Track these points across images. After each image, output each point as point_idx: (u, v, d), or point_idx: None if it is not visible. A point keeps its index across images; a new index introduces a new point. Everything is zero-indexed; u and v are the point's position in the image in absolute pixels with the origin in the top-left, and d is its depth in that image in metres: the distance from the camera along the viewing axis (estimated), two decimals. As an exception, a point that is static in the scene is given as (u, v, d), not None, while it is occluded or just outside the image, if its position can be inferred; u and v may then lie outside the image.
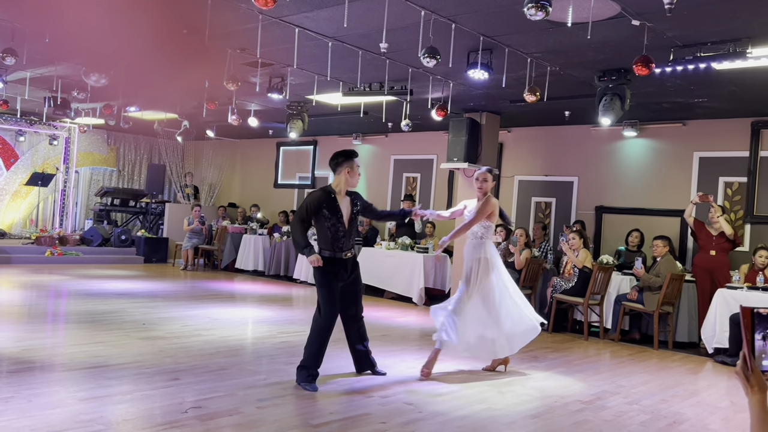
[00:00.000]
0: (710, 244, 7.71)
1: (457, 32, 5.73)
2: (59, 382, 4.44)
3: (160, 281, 10.61)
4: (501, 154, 10.67)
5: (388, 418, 4.13)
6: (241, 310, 8.29)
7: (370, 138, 12.63)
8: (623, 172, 9.65)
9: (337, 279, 4.84)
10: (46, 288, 9.00)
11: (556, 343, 7.41)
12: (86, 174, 15.44)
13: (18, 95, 10.38)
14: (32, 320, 6.73)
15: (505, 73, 6.74)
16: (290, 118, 9.70)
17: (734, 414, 4.85)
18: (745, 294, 6.81)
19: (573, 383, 5.45)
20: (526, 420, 4.31)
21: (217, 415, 3.92)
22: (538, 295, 8.68)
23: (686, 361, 6.90)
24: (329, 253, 4.82)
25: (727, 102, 7.80)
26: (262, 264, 12.44)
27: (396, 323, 7.95)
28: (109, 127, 13.53)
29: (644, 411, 4.74)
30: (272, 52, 6.93)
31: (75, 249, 12.69)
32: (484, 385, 5.19)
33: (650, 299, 7.49)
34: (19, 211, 14.58)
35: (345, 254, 4.86)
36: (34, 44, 6.88)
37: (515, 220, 10.57)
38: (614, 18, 5.19)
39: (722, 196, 8.68)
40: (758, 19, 5.07)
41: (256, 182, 15.07)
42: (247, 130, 12.51)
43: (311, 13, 5.68)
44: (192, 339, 6.13)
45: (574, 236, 8.16)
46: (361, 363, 5.18)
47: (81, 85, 8.71)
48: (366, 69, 7.16)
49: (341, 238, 4.82)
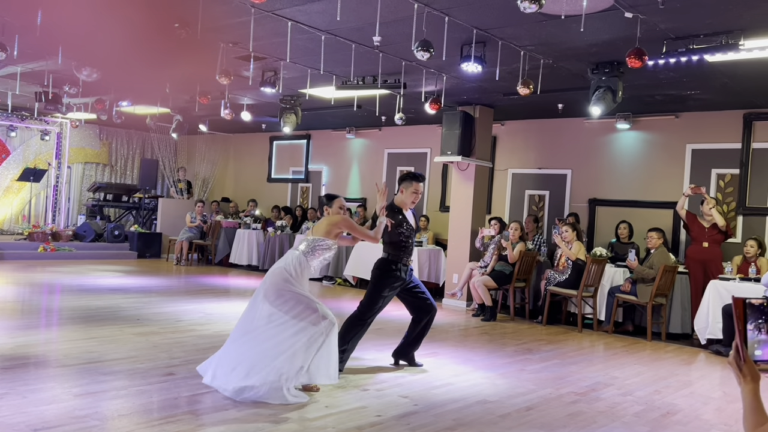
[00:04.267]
0: (703, 235, 7.75)
1: (451, 25, 5.72)
2: (54, 378, 4.43)
3: (153, 276, 10.58)
4: (494, 147, 10.68)
5: (383, 411, 4.14)
6: (235, 305, 8.28)
7: (363, 132, 12.61)
8: (616, 165, 9.68)
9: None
10: (39, 284, 8.97)
11: (550, 335, 7.44)
12: (78, 169, 15.36)
13: (9, 90, 10.31)
14: (26, 316, 6.70)
15: (499, 66, 6.74)
16: (283, 112, 9.68)
17: (727, 404, 4.89)
18: (737, 285, 6.86)
19: (567, 375, 5.47)
20: (520, 412, 4.34)
21: (212, 409, 3.92)
22: (532, 287, 8.71)
23: (679, 352, 6.95)
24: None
25: (719, 94, 7.83)
26: (256, 258, 12.43)
27: (390, 317, 7.95)
28: (101, 122, 13.48)
29: (638, 402, 4.77)
30: (265, 45, 6.90)
31: (68, 245, 12.64)
32: (478, 377, 5.21)
33: (643, 291, 7.53)
34: (11, 207, 14.50)
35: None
36: (24, 38, 6.83)
37: (508, 214, 10.60)
38: (607, 11, 5.19)
39: (715, 188, 8.72)
40: (750, 12, 5.08)
41: (250, 177, 15.03)
42: (240, 125, 12.48)
43: (304, 6, 5.65)
44: (187, 334, 6.12)
45: (567, 229, 8.18)
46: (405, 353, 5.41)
47: (72, 80, 8.66)
48: (359, 62, 7.15)
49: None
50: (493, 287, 8.34)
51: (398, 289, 5.17)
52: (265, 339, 4.18)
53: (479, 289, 8.28)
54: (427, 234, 10.62)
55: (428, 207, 11.65)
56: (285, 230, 12.20)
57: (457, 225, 9.53)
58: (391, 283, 5.11)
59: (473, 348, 6.43)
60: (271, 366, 4.08)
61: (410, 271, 5.32)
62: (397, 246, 5.18)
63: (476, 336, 7.15)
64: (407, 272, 5.24)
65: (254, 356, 4.13)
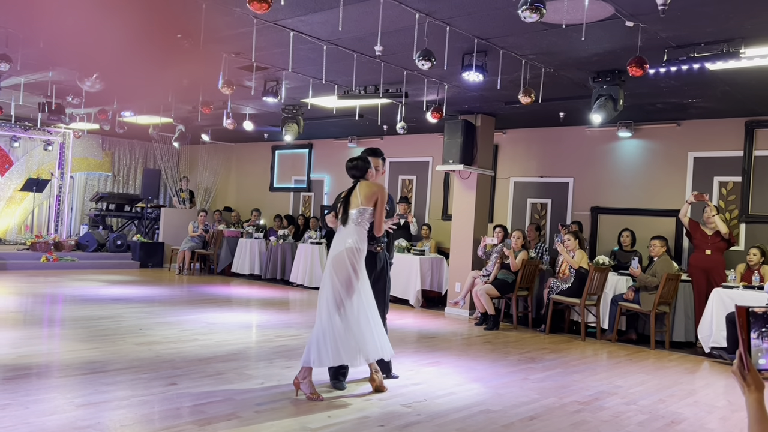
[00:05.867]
0: (705, 243, 7.74)
1: (452, 35, 5.74)
2: (56, 388, 4.43)
3: (156, 286, 10.58)
4: (496, 156, 10.69)
5: (386, 421, 4.13)
6: (237, 315, 8.28)
7: (365, 141, 12.63)
8: (618, 173, 9.68)
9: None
10: (41, 294, 8.97)
11: (554, 344, 7.41)
12: (81, 179, 15.41)
13: (12, 101, 10.36)
14: (28, 326, 6.70)
15: (500, 74, 6.76)
16: (285, 121, 9.71)
17: (731, 413, 4.86)
18: (740, 293, 6.84)
19: (570, 384, 5.45)
20: (524, 421, 4.32)
21: (214, 419, 3.91)
22: (534, 296, 8.69)
23: (683, 360, 6.92)
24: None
25: (720, 102, 7.84)
26: (258, 268, 12.42)
27: (393, 326, 7.93)
28: (104, 132, 13.52)
29: (642, 411, 4.75)
30: (267, 55, 6.93)
31: (70, 254, 12.65)
32: (481, 387, 5.19)
33: (647, 299, 7.51)
34: (14, 217, 14.53)
35: (375, 248, 5.00)
36: (28, 49, 6.87)
37: (511, 222, 10.59)
38: (608, 19, 5.20)
39: (717, 196, 8.71)
40: (751, 20, 5.09)
41: (252, 186, 15.05)
42: (243, 134, 12.51)
43: (306, 17, 5.68)
44: (189, 344, 6.12)
45: (569, 237, 8.17)
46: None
47: (75, 91, 8.70)
48: (361, 72, 7.17)
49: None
50: (495, 296, 8.33)
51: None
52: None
53: (482, 297, 8.26)
54: (430, 242, 10.61)
55: (430, 215, 11.65)
56: (287, 239, 12.20)
57: (459, 233, 9.53)
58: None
59: (476, 357, 6.41)
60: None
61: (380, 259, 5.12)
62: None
63: (479, 345, 7.13)
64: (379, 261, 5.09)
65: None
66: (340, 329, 4.47)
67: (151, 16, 5.26)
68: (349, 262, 4.55)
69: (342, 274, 4.54)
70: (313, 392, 4.48)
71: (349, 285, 4.53)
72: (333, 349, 4.44)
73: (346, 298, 4.53)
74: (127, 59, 6.22)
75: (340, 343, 4.45)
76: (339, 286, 4.53)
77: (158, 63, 6.24)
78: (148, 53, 5.92)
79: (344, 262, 4.55)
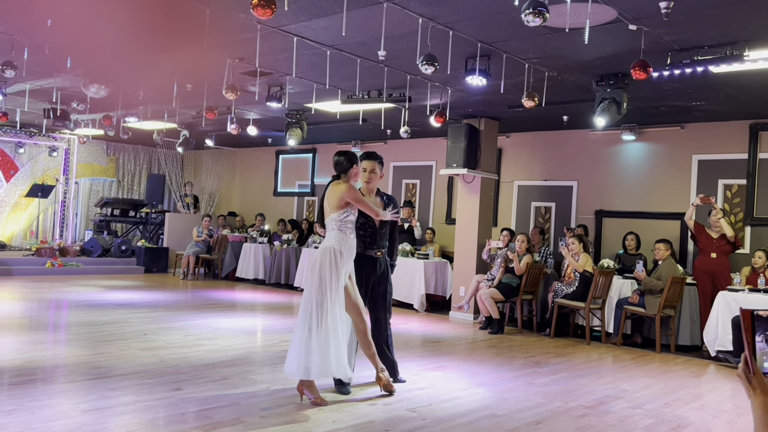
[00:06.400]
0: (711, 246, 7.72)
1: (455, 39, 5.75)
2: (61, 393, 4.44)
3: (160, 291, 10.60)
4: (500, 160, 10.69)
5: (391, 425, 4.12)
6: (242, 319, 8.29)
7: (369, 145, 12.64)
8: (622, 176, 9.67)
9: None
10: (46, 299, 8.99)
11: (558, 348, 7.40)
12: (86, 185, 15.46)
13: (17, 107, 10.41)
14: (33, 332, 6.72)
15: (503, 78, 6.77)
16: (289, 126, 9.73)
17: (738, 417, 4.84)
18: (746, 296, 6.81)
19: (576, 388, 5.44)
20: (529, 426, 4.31)
21: (219, 425, 3.91)
22: (539, 299, 8.68)
23: (689, 364, 6.90)
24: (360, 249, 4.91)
25: (724, 105, 7.82)
26: (262, 272, 12.44)
27: (397, 330, 7.93)
28: (109, 137, 13.56)
29: (648, 415, 4.73)
30: (271, 61, 6.95)
31: (75, 260, 12.69)
32: (486, 391, 5.18)
33: (652, 303, 7.49)
34: (19, 222, 14.58)
35: (375, 252, 5.02)
36: (33, 56, 6.90)
37: (515, 226, 10.58)
38: (611, 23, 5.21)
39: (722, 199, 8.68)
40: (754, 23, 5.09)
41: (256, 191, 15.08)
42: (247, 139, 12.54)
43: (309, 22, 5.70)
44: (194, 349, 6.12)
45: (573, 240, 8.16)
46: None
47: (80, 97, 8.74)
48: (364, 77, 7.19)
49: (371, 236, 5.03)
50: (500, 300, 8.31)
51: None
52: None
53: (486, 301, 8.25)
54: (434, 247, 10.60)
55: (434, 219, 11.65)
56: (291, 244, 12.21)
57: (463, 237, 9.52)
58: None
59: (481, 361, 6.40)
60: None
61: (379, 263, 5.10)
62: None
63: (484, 349, 7.12)
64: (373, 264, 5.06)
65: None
66: (308, 342, 4.39)
67: (154, 20, 5.27)
68: (320, 261, 4.47)
69: (315, 273, 4.48)
70: (317, 397, 4.48)
71: (320, 285, 4.43)
72: (303, 363, 4.37)
73: (318, 304, 4.42)
74: (127, 59, 6.24)
75: (309, 356, 4.37)
76: (311, 287, 4.47)
77: (160, 63, 6.26)
78: (150, 57, 5.94)
79: (316, 262, 4.52)
